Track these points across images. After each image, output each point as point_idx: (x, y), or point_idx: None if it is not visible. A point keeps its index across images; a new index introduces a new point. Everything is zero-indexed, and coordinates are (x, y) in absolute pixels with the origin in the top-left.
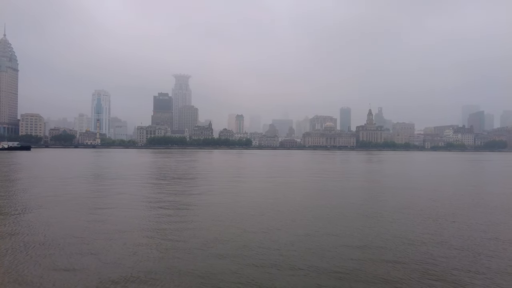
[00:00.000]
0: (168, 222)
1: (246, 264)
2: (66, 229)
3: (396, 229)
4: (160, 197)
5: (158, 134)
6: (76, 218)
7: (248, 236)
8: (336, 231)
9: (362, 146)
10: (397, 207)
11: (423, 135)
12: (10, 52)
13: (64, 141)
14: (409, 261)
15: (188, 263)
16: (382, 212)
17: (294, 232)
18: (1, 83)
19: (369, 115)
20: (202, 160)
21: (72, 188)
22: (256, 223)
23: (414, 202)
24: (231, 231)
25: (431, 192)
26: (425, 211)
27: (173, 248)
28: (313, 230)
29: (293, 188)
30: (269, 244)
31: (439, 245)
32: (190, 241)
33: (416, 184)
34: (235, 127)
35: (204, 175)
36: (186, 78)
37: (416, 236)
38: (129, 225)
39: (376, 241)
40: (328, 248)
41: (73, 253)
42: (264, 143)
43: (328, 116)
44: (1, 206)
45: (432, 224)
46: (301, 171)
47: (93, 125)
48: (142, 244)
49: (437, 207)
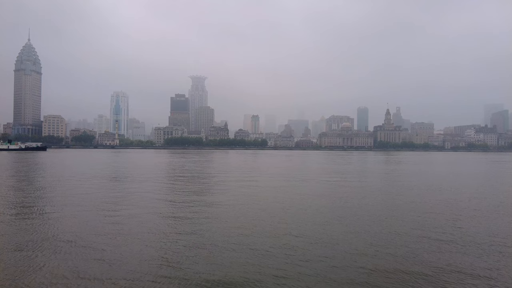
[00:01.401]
0: (191, 223)
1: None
2: (89, 227)
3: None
4: (178, 199)
5: (175, 134)
6: (96, 218)
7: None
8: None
9: (379, 147)
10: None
11: (443, 135)
12: (34, 56)
13: (84, 142)
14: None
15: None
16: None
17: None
18: (26, 86)
19: (387, 115)
20: (218, 161)
21: (90, 189)
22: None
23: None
24: (256, 231)
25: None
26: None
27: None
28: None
29: (306, 189)
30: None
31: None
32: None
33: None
34: (251, 127)
35: (220, 175)
36: (203, 80)
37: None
38: (146, 224)
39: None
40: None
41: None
42: (280, 144)
43: (345, 116)
44: (29, 202)
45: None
46: (318, 171)
47: (112, 126)
48: (156, 242)
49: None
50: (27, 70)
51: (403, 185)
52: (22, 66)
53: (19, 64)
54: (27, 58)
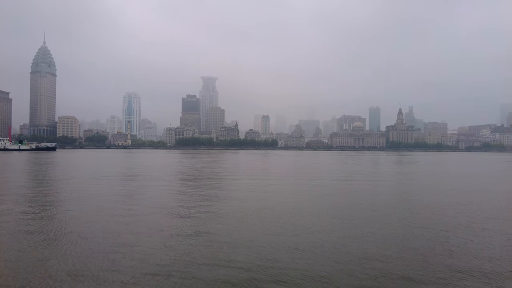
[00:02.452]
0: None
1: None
2: (101, 226)
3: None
4: (190, 198)
5: (186, 135)
6: (110, 216)
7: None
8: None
9: (392, 147)
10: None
11: (457, 135)
12: (49, 58)
13: (97, 142)
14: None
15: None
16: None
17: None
18: (41, 87)
19: (399, 115)
20: (228, 161)
21: (102, 187)
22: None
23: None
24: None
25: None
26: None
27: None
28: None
29: (320, 190)
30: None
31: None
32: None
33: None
34: (261, 127)
35: (231, 176)
36: (213, 80)
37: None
38: (154, 222)
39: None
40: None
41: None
42: (290, 144)
43: (356, 116)
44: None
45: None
46: (329, 172)
47: (124, 126)
48: (170, 241)
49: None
50: (42, 72)
51: (426, 187)
52: (38, 68)
53: (35, 67)
54: (42, 61)
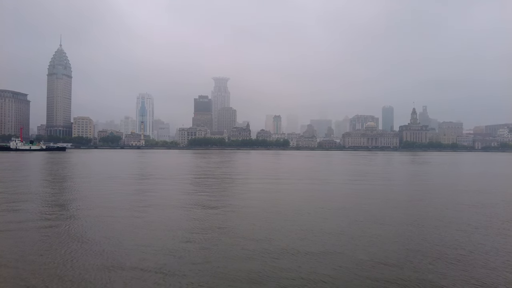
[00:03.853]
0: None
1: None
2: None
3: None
4: (203, 198)
5: (198, 135)
6: (126, 216)
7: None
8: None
9: (405, 147)
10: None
11: (473, 135)
12: (65, 60)
13: (111, 142)
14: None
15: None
16: None
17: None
18: (58, 89)
19: (413, 114)
20: (240, 161)
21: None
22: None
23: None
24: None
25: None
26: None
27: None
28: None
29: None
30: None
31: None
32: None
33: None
34: (273, 127)
35: (243, 176)
36: (225, 81)
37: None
38: (171, 222)
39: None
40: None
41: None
42: (302, 144)
43: (369, 116)
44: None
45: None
46: (342, 173)
47: (138, 127)
48: (184, 240)
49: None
50: (58, 74)
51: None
52: (54, 70)
53: (52, 69)
54: (58, 63)
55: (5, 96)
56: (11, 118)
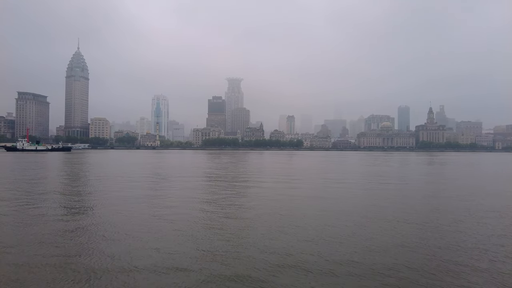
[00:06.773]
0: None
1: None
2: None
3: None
4: (220, 198)
5: (212, 136)
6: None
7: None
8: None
9: (422, 147)
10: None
11: (493, 135)
12: (82, 63)
13: (127, 143)
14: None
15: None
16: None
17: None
18: (75, 90)
19: (430, 114)
20: (252, 161)
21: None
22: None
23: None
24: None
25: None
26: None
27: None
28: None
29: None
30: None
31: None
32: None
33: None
34: (286, 128)
35: (256, 177)
36: (238, 81)
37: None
38: (185, 222)
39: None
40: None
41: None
42: (316, 144)
43: (385, 115)
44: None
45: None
46: (357, 174)
47: (153, 127)
48: (197, 240)
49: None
50: (76, 76)
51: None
52: (72, 72)
53: (70, 71)
54: (76, 65)
55: (26, 98)
56: (32, 120)
